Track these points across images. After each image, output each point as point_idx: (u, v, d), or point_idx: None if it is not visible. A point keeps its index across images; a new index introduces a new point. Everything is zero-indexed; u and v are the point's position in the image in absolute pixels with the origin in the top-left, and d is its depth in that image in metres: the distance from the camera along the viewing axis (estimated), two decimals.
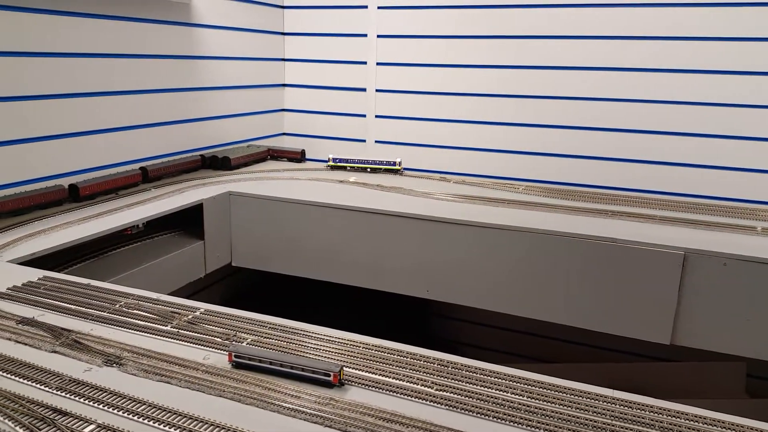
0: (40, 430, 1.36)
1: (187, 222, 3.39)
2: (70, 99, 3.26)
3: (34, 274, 2.29)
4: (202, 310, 2.05)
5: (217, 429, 1.39)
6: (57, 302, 2.06)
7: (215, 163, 4.14)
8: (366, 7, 4.70)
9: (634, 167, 4.17)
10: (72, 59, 3.25)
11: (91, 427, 1.38)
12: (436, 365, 1.73)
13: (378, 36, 4.72)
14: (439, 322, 4.94)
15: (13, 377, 1.58)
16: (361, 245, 3.35)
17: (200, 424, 1.41)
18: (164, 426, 1.40)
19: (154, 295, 2.15)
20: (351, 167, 4.29)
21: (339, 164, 4.31)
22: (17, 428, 1.36)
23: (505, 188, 3.86)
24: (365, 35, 4.75)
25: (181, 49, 4.01)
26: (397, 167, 4.25)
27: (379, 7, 4.66)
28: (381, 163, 4.27)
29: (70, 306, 2.03)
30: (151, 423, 1.41)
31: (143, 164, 3.69)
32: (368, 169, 4.27)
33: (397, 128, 4.82)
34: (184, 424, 1.40)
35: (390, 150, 4.85)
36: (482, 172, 4.54)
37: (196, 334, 1.86)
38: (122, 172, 3.47)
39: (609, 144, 4.21)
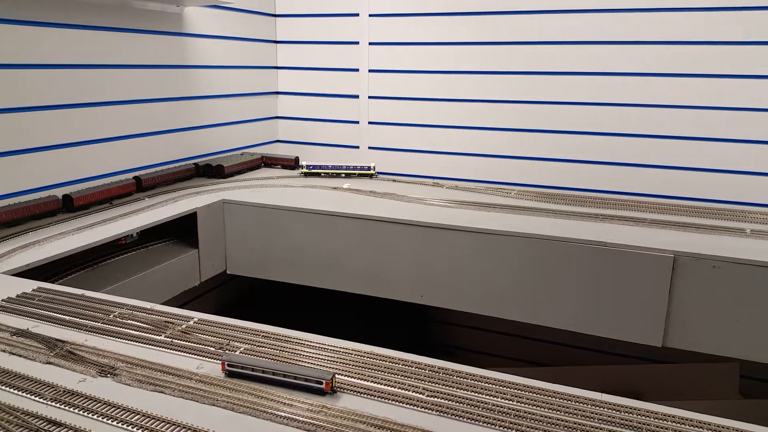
0: None
1: (182, 231, 3.40)
2: (62, 110, 3.28)
3: (29, 285, 2.30)
4: (195, 319, 2.06)
5: None
6: (51, 313, 2.07)
7: (209, 171, 4.16)
8: (357, 15, 4.74)
9: (625, 171, 4.21)
10: (65, 70, 3.27)
11: None
12: (427, 371, 1.75)
13: (370, 43, 4.75)
14: (437, 327, 4.96)
15: (7, 389, 1.59)
16: (355, 251, 3.37)
17: None
18: None
19: (147, 305, 2.17)
20: (325, 173, 4.30)
21: (313, 171, 4.30)
22: None
23: (498, 193, 3.89)
24: (357, 43, 4.78)
25: (173, 58, 4.03)
26: (371, 171, 4.29)
27: (370, 15, 4.70)
28: (355, 168, 4.31)
29: (64, 317, 2.04)
30: None
31: (137, 173, 3.70)
32: (342, 175, 4.29)
33: (390, 134, 4.85)
34: None
35: (383, 156, 4.87)
36: (475, 177, 4.57)
37: (189, 344, 1.88)
38: (116, 181, 3.48)
39: (600, 148, 4.25)
